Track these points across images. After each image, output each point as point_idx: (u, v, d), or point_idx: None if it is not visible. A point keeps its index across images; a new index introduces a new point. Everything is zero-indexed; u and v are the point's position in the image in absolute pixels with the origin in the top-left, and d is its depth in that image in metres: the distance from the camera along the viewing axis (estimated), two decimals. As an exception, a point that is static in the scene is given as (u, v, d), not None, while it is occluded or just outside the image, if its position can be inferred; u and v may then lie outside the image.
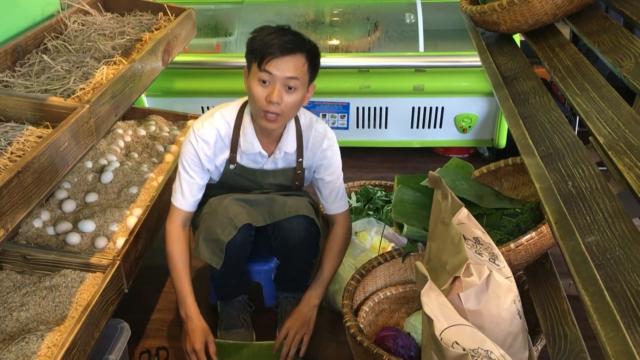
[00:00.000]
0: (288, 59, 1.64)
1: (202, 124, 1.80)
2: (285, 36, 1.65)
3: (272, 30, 1.67)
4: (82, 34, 2.01)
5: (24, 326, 1.52)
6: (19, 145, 1.35)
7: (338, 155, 1.94)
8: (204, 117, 1.83)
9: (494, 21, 1.56)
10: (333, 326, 2.10)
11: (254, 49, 1.67)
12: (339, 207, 1.97)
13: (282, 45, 1.63)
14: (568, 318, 1.42)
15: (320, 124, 1.90)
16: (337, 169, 1.94)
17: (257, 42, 1.66)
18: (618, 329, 0.66)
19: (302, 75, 1.68)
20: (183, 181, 1.84)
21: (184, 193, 1.84)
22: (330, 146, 1.89)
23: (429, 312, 1.16)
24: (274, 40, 1.63)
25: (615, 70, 1.14)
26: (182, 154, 1.84)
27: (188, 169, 1.82)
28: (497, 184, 1.98)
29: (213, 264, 1.79)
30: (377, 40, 3.05)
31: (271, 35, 1.65)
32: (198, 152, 1.80)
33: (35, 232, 1.82)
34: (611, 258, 0.77)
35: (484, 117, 3.06)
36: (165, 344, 2.03)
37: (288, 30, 1.69)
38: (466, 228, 1.39)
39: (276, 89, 1.66)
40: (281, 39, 1.64)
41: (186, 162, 1.82)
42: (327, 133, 1.90)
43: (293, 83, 1.67)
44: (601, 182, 0.93)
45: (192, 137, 1.80)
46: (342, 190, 1.98)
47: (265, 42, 1.64)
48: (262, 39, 1.65)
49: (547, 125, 1.18)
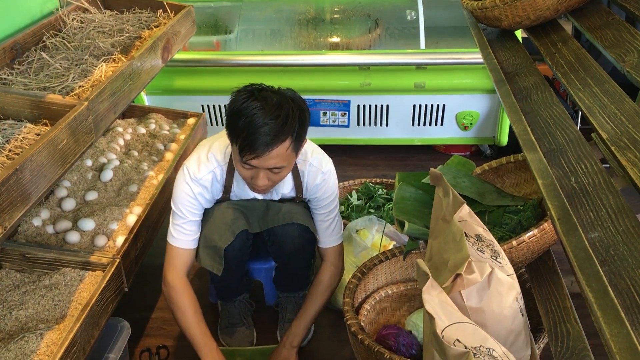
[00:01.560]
0: (270, 154, 1.50)
1: (197, 167, 1.70)
2: (266, 124, 1.46)
3: (253, 111, 1.47)
4: (81, 31, 2.00)
5: (23, 325, 1.51)
6: (17, 143, 1.34)
7: (333, 190, 1.82)
8: (197, 159, 1.71)
9: (495, 17, 1.54)
10: (334, 325, 2.10)
11: (233, 134, 1.53)
12: (330, 242, 1.88)
13: (262, 141, 1.47)
14: (571, 315, 1.41)
15: (315, 157, 1.77)
16: (331, 203, 1.83)
17: (236, 126, 1.50)
18: (622, 325, 0.65)
19: (288, 158, 1.56)
20: (182, 222, 1.74)
21: (185, 232, 1.75)
22: (324, 180, 1.78)
23: (431, 309, 1.15)
24: (253, 135, 1.47)
25: (618, 66, 1.13)
26: (178, 199, 1.72)
27: (186, 212, 1.73)
28: (498, 181, 1.97)
29: (214, 271, 1.76)
30: (377, 37, 3.04)
31: (251, 121, 1.47)
32: (197, 198, 1.73)
33: (34, 231, 1.81)
34: (615, 254, 0.76)
35: (485, 115, 3.04)
36: (166, 343, 2.02)
37: (272, 106, 1.48)
38: (468, 225, 1.38)
39: (260, 176, 1.57)
40: (261, 130, 1.46)
41: (183, 207, 1.72)
42: (322, 167, 1.77)
43: (278, 169, 1.57)
44: (604, 178, 0.92)
45: (190, 181, 1.70)
46: (335, 224, 1.87)
47: (244, 135, 1.48)
48: (241, 126, 1.48)
49: (550, 120, 1.17)
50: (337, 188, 1.85)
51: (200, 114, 2.67)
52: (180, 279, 1.76)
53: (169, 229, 1.78)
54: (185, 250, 1.76)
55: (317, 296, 1.88)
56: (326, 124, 3.08)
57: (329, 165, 1.80)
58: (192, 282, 2.24)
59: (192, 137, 2.46)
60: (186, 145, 2.38)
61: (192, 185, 1.70)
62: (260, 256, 2.04)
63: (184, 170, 1.71)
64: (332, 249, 1.89)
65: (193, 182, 1.70)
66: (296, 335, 1.86)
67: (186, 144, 2.39)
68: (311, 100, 3.00)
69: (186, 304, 1.74)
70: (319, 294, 1.88)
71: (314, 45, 2.97)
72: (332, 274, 1.89)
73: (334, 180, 1.83)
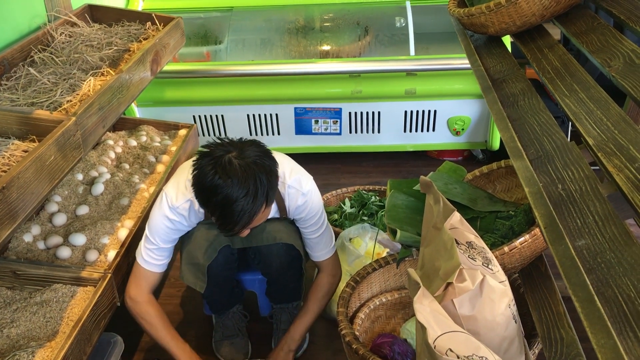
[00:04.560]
0: (247, 227, 1.55)
1: (175, 195, 1.68)
2: (238, 204, 1.46)
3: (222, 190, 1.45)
4: (69, 45, 1.99)
5: (14, 343, 1.50)
6: (4, 160, 1.33)
7: (317, 209, 1.79)
8: (176, 185, 1.70)
9: (482, 23, 1.55)
10: (329, 334, 2.09)
11: (207, 208, 1.55)
12: (323, 255, 1.87)
13: (240, 223, 1.50)
14: (564, 321, 1.41)
15: (293, 179, 1.73)
16: (317, 221, 1.80)
17: (208, 201, 1.50)
18: (609, 335, 0.64)
19: (266, 215, 1.60)
20: (154, 248, 1.73)
21: (155, 257, 1.74)
22: (306, 202, 1.75)
23: (422, 319, 1.14)
24: (230, 217, 1.49)
25: (604, 70, 1.14)
26: (153, 225, 1.71)
27: (158, 239, 1.71)
28: (490, 187, 1.97)
29: (197, 288, 1.76)
30: (367, 44, 3.04)
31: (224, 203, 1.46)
32: (175, 226, 1.72)
33: (25, 247, 1.79)
34: (602, 262, 0.76)
35: (477, 120, 3.05)
36: (159, 356, 2.00)
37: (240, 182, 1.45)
38: (459, 232, 1.38)
39: (242, 232, 1.60)
40: (236, 212, 1.47)
41: (157, 234, 1.71)
42: (302, 187, 1.73)
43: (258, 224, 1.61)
44: (591, 185, 0.92)
45: (166, 209, 1.68)
46: (326, 237, 1.85)
47: (219, 215, 1.50)
48: (214, 204, 1.48)
49: (537, 127, 1.17)
50: (322, 204, 1.82)
51: (192, 125, 2.67)
52: (144, 295, 1.77)
53: (139, 246, 1.76)
54: (153, 272, 1.76)
55: (314, 302, 1.89)
56: (318, 132, 3.08)
57: (308, 185, 1.75)
58: (185, 294, 2.24)
59: (183, 149, 2.46)
60: (177, 156, 2.38)
61: (169, 214, 1.69)
62: (252, 267, 2.03)
63: (163, 197, 1.70)
64: (327, 260, 1.89)
65: (170, 210, 1.68)
66: (294, 340, 1.87)
67: (177, 155, 2.38)
68: (303, 108, 3.00)
69: (151, 314, 1.76)
70: (317, 300, 1.89)
71: (304, 54, 2.98)
72: (330, 282, 1.90)
73: (317, 198, 1.79)
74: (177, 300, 2.27)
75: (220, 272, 1.80)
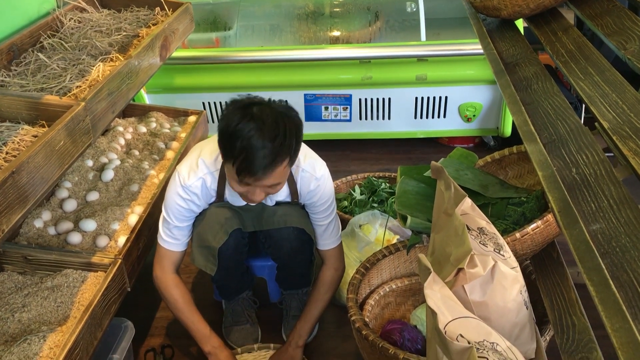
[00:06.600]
0: (267, 175, 1.49)
1: (187, 173, 1.68)
2: (265, 147, 1.43)
3: (250, 132, 1.43)
4: (78, 31, 1.99)
5: (25, 327, 1.51)
6: (14, 145, 1.33)
7: (328, 195, 1.79)
8: (188, 164, 1.70)
9: (494, 6, 1.52)
10: (339, 320, 2.09)
11: (228, 155, 1.49)
12: (328, 244, 1.86)
13: (262, 164, 1.45)
14: (576, 307, 1.40)
15: (307, 163, 1.73)
16: (328, 208, 1.81)
17: (232, 147, 1.46)
18: (624, 319, 0.63)
19: (285, 174, 1.56)
20: (172, 227, 1.74)
21: (174, 236, 1.76)
22: (318, 186, 1.74)
23: (433, 305, 1.13)
24: (252, 158, 1.44)
25: (619, 53, 1.11)
26: (168, 205, 1.72)
27: (174, 219, 1.73)
28: (502, 173, 1.95)
29: (207, 271, 1.77)
30: (378, 30, 3.01)
31: (249, 145, 1.43)
32: (189, 205, 1.72)
33: (36, 232, 1.80)
34: (617, 246, 0.75)
35: (488, 106, 3.02)
36: (170, 342, 2.02)
37: (269, 126, 1.44)
38: (470, 218, 1.36)
39: (257, 192, 1.56)
40: (260, 153, 1.43)
41: (172, 213, 1.72)
42: (316, 172, 1.73)
43: (275, 185, 1.56)
44: (606, 168, 0.90)
45: (179, 188, 1.68)
46: (333, 226, 1.85)
47: (242, 157, 1.45)
48: (238, 148, 1.44)
49: (550, 111, 1.15)
50: (333, 191, 1.82)
51: (201, 112, 2.66)
52: (168, 275, 1.80)
53: (159, 228, 1.78)
54: (174, 252, 1.78)
55: (318, 298, 1.89)
56: (328, 119, 3.06)
57: (322, 170, 1.76)
58: (196, 280, 2.24)
59: (193, 135, 2.45)
60: (187, 143, 2.37)
61: (182, 192, 1.69)
62: (262, 253, 2.03)
63: (176, 176, 1.70)
64: (331, 250, 1.88)
65: (183, 189, 1.68)
66: (301, 336, 1.87)
67: (187, 142, 2.38)
68: (312, 95, 2.98)
69: (175, 295, 1.79)
70: (321, 296, 1.88)
71: (314, 40, 2.95)
72: (333, 276, 1.89)
73: (329, 184, 1.79)
74: (188, 287, 2.28)
75: (231, 256, 1.80)
